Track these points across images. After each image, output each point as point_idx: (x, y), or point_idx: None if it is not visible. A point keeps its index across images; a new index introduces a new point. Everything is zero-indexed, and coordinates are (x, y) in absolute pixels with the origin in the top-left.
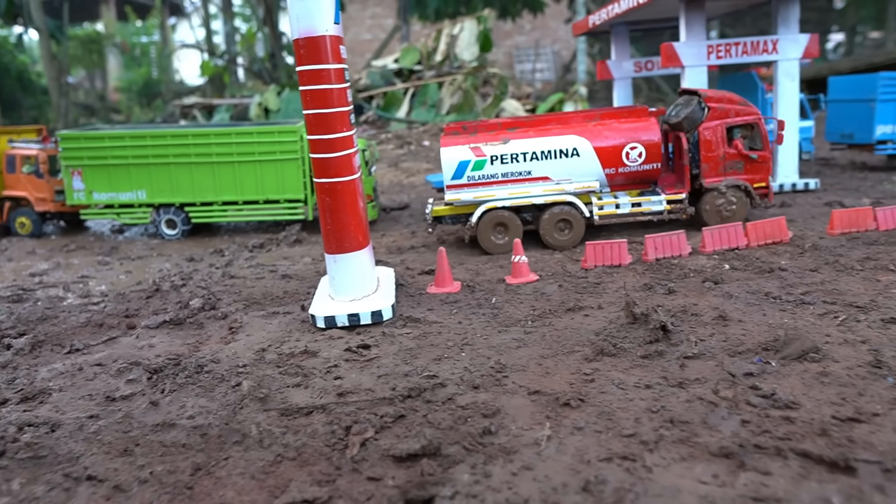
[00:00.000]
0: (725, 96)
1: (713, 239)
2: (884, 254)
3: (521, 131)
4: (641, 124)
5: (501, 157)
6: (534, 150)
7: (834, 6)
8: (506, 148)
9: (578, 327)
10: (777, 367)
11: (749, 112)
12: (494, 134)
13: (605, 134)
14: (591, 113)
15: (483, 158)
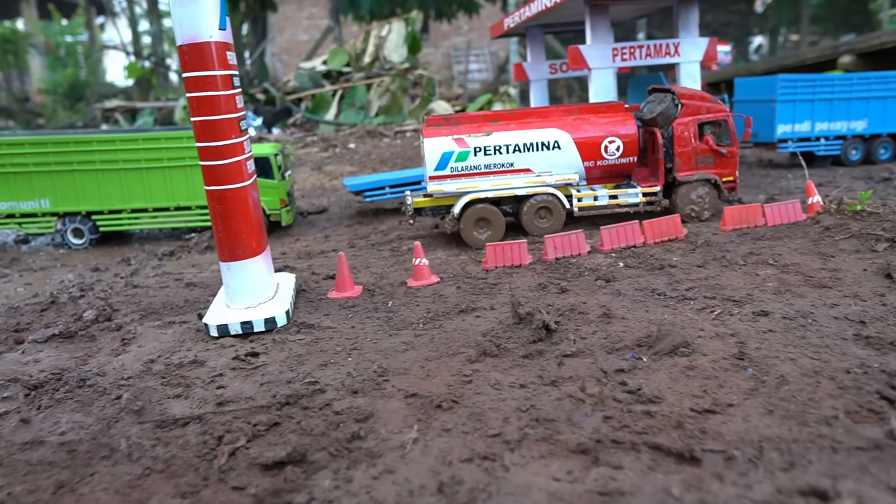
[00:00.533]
0: (697, 94)
1: (611, 237)
2: (767, 248)
3: (503, 124)
4: (619, 119)
5: (485, 149)
6: (516, 143)
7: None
8: (489, 140)
9: (468, 329)
10: (648, 362)
11: (718, 109)
12: (477, 126)
13: (584, 128)
14: (569, 107)
15: (466, 150)
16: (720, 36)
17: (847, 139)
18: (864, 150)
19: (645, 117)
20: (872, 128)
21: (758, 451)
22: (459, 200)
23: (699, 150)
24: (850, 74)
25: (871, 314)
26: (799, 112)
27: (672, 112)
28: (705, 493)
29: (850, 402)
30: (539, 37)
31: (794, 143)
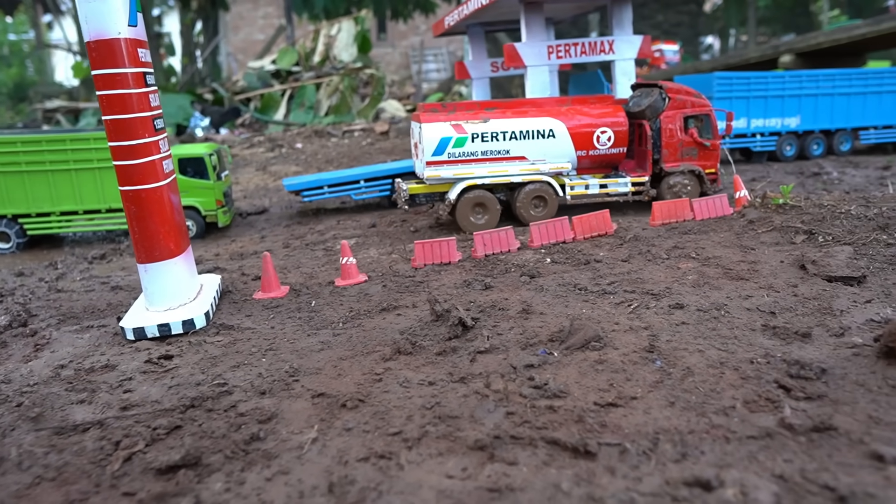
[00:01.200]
0: (683, 89)
1: (540, 234)
2: (692, 242)
3: (499, 112)
4: (610, 110)
5: (482, 136)
6: (513, 130)
7: (705, 11)
8: (486, 127)
9: (387, 327)
10: (559, 357)
11: (702, 104)
12: (473, 113)
13: (578, 118)
14: (562, 99)
15: (464, 136)
16: (671, 36)
17: (782, 135)
18: (798, 146)
19: (632, 110)
20: (805, 124)
21: (653, 443)
22: (456, 186)
23: (684, 143)
24: (783, 73)
25: (781, 305)
26: (735, 109)
27: (660, 105)
28: (595, 487)
29: (749, 392)
30: (480, 35)
31: (730, 138)
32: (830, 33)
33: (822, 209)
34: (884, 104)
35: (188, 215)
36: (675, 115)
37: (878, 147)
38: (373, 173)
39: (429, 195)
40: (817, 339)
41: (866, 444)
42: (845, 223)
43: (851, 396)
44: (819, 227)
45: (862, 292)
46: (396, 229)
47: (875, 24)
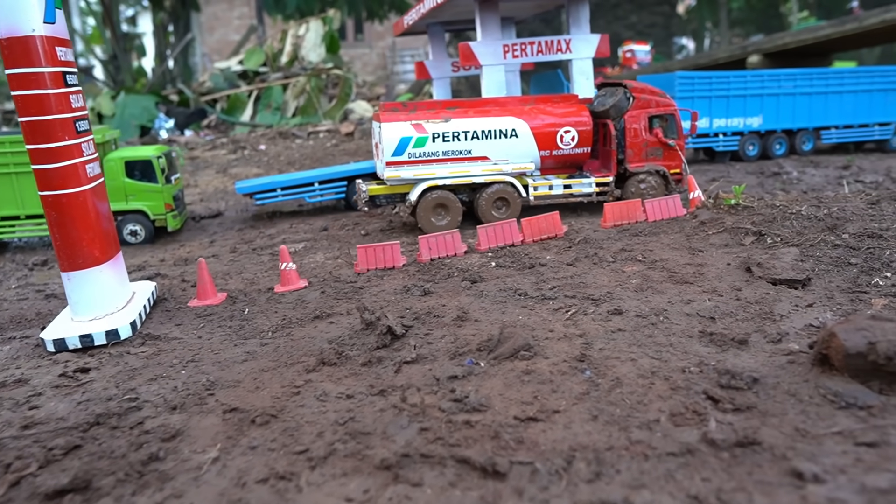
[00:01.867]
0: (647, 88)
1: (488, 237)
2: (641, 245)
3: (460, 111)
4: (574, 109)
5: (443, 135)
6: (475, 130)
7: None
8: (447, 126)
9: (317, 336)
10: (486, 367)
11: (667, 104)
12: (434, 112)
13: (541, 117)
14: (526, 98)
15: (425, 135)
16: (645, 37)
17: (744, 135)
18: (760, 146)
19: (597, 110)
20: (767, 124)
21: (567, 461)
22: (417, 186)
23: (649, 143)
24: (745, 72)
25: (722, 310)
26: (697, 108)
27: (624, 105)
28: None
29: (677, 404)
30: (440, 34)
31: (693, 138)
32: (797, 34)
33: (773, 210)
34: (844, 104)
35: (136, 220)
36: (640, 115)
37: (840, 146)
38: (327, 175)
39: (389, 196)
40: (754, 346)
41: (789, 459)
42: (795, 224)
43: (781, 407)
44: (769, 228)
45: (805, 295)
46: (348, 233)
47: (839, 24)
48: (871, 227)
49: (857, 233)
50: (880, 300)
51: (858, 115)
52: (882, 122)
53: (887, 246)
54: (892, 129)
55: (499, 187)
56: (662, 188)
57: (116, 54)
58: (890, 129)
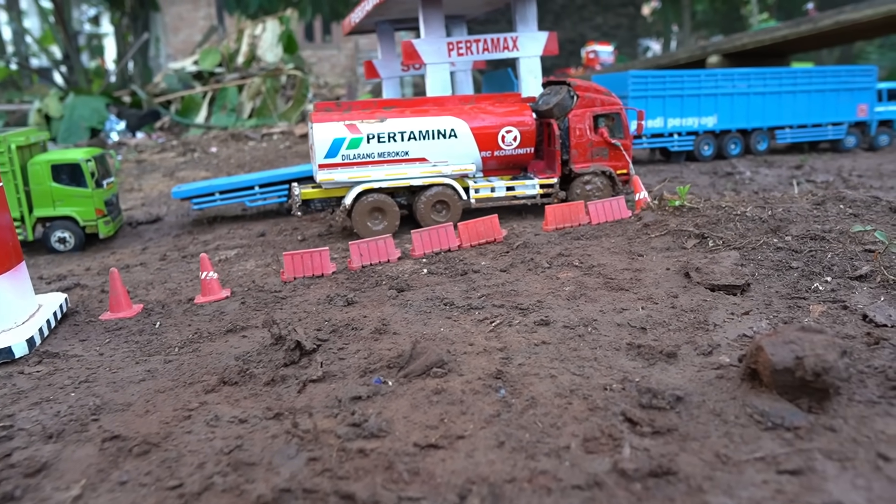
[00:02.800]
0: (592, 86)
1: (423, 242)
2: (580, 249)
3: (397, 111)
4: (516, 109)
5: (378, 136)
6: (412, 130)
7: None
8: (383, 126)
9: (225, 352)
10: (394, 386)
11: (612, 102)
12: (370, 112)
13: (482, 117)
14: (466, 97)
15: (359, 136)
16: (610, 38)
17: (699, 135)
18: (715, 146)
19: (540, 109)
20: (722, 124)
21: (461, 497)
22: (352, 190)
23: (594, 143)
24: (699, 71)
25: (655, 319)
26: (651, 108)
27: (568, 103)
28: None
29: (592, 427)
30: (389, 32)
31: (647, 139)
32: (754, 35)
33: (718, 211)
34: (798, 104)
35: (65, 226)
36: (585, 114)
37: (796, 146)
38: (269, 178)
39: (324, 200)
40: (683, 359)
41: (704, 492)
42: (739, 226)
43: (704, 429)
44: (712, 230)
45: (742, 302)
46: (285, 238)
47: (795, 25)
48: (814, 229)
49: (800, 235)
50: (818, 307)
51: (812, 114)
52: (835, 122)
53: (829, 248)
54: (845, 128)
55: (438, 190)
56: (609, 189)
57: (69, 54)
58: (843, 128)
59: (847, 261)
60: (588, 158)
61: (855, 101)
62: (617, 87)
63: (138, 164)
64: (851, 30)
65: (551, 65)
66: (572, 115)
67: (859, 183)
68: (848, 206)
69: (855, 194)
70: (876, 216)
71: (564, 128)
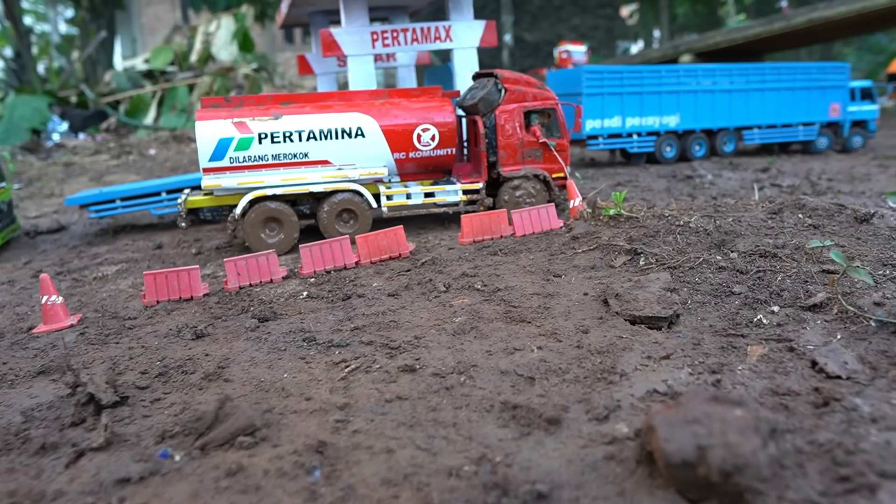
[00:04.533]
0: (522, 78)
1: (313, 259)
2: (492, 267)
3: (296, 107)
4: (434, 104)
5: (272, 136)
6: (311, 129)
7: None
8: (277, 125)
9: (16, 403)
10: (182, 461)
11: (546, 97)
12: (265, 108)
13: (394, 113)
14: (378, 91)
15: (249, 136)
16: (587, 39)
17: (660, 135)
18: (678, 147)
19: (465, 104)
20: (685, 123)
21: None
22: (242, 200)
23: (526, 142)
24: (660, 67)
25: (550, 364)
26: (608, 106)
27: (494, 98)
28: None
29: None
30: (323, 25)
31: (604, 139)
32: (727, 33)
33: (660, 221)
34: (767, 102)
35: None
36: (514, 110)
37: (765, 148)
38: (177, 183)
39: (216, 209)
40: (568, 428)
41: None
42: (679, 240)
43: None
44: (648, 245)
45: (665, 341)
46: (180, 252)
47: (768, 23)
48: (765, 244)
49: (749, 251)
50: (758, 348)
51: (782, 114)
52: (806, 122)
53: (780, 268)
54: (817, 129)
55: (343, 197)
56: (543, 195)
57: (21, 52)
58: (814, 129)
59: (800, 284)
60: (518, 160)
61: (827, 100)
62: (571, 84)
63: (66, 168)
64: (826, 28)
65: (528, 66)
66: (500, 110)
67: (828, 187)
68: (808, 216)
69: (817, 201)
70: (839, 227)
71: (491, 125)
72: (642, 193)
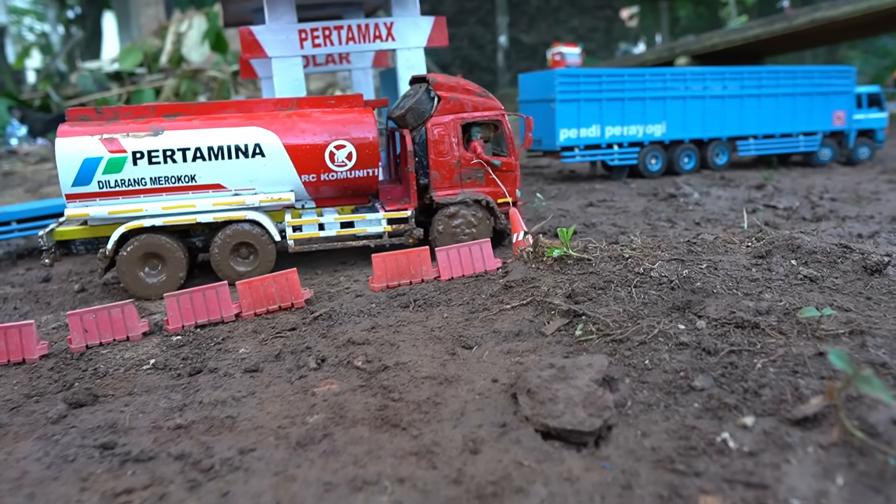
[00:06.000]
0: (460, 84)
1: (181, 310)
2: (391, 329)
3: (183, 119)
4: (351, 116)
5: (150, 155)
6: (199, 147)
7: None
8: (157, 141)
9: None
10: None
11: (490, 106)
12: (143, 122)
13: (301, 127)
14: (285, 100)
15: (121, 155)
16: (586, 42)
17: (644, 146)
18: (665, 159)
19: (393, 114)
20: (673, 133)
21: None
22: (115, 231)
23: (464, 161)
24: (644, 70)
25: None
26: (585, 113)
27: (425, 107)
28: None
29: None
30: None
31: (581, 151)
32: (725, 34)
33: (616, 265)
34: (764, 110)
35: None
36: (450, 123)
37: (763, 160)
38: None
39: (90, 241)
40: None
41: None
42: (635, 295)
43: None
44: (594, 302)
45: (584, 475)
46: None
47: (768, 24)
48: (744, 308)
49: (721, 318)
50: (711, 500)
51: (780, 123)
52: (807, 132)
53: (762, 348)
54: (819, 139)
55: (237, 228)
56: (486, 224)
57: None
58: (816, 139)
59: (787, 376)
60: (455, 183)
61: (830, 107)
62: (543, 89)
63: (4, 178)
64: (829, 28)
65: (525, 68)
66: (431, 123)
67: (831, 210)
68: (802, 263)
69: (815, 242)
70: (843, 281)
71: (422, 141)
72: (615, 217)
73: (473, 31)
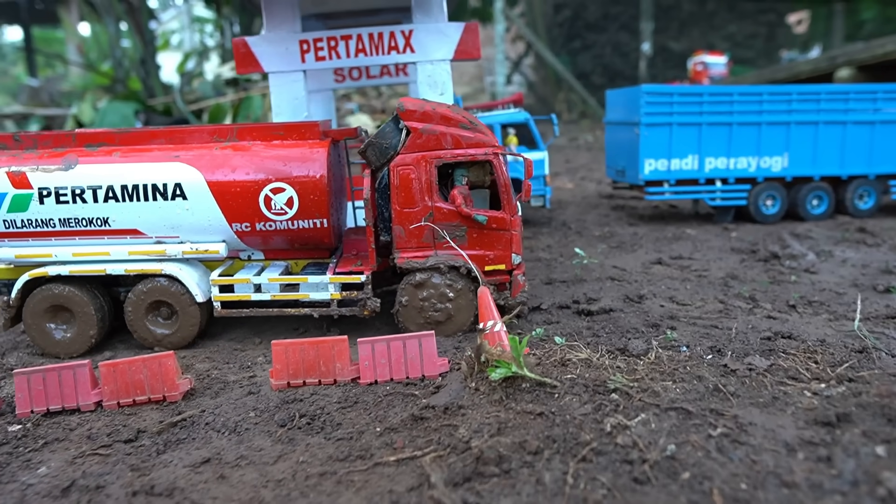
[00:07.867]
0: (438, 112)
1: (32, 392)
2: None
3: (102, 152)
4: (296, 152)
5: (59, 192)
6: (112, 185)
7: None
8: (67, 177)
9: None
10: None
11: (479, 142)
12: (59, 153)
13: (232, 164)
14: (224, 128)
15: (27, 192)
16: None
17: (758, 183)
18: (785, 201)
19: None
20: (797, 167)
21: None
22: (20, 278)
23: (438, 213)
24: (761, 87)
25: None
26: (678, 141)
27: (389, 141)
28: None
29: None
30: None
31: (671, 186)
32: None
33: (587, 402)
34: None
35: None
36: (420, 162)
37: None
38: None
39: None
40: None
41: None
42: (570, 484)
43: None
44: (502, 484)
45: None
46: None
47: None
48: None
49: None
50: None
51: None
52: None
53: None
54: None
55: (153, 284)
56: (467, 299)
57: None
58: None
59: None
60: (426, 243)
61: None
62: (628, 109)
63: None
64: None
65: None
66: (396, 162)
67: None
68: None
69: None
70: None
71: (383, 185)
72: (680, 286)
73: (617, 38)
